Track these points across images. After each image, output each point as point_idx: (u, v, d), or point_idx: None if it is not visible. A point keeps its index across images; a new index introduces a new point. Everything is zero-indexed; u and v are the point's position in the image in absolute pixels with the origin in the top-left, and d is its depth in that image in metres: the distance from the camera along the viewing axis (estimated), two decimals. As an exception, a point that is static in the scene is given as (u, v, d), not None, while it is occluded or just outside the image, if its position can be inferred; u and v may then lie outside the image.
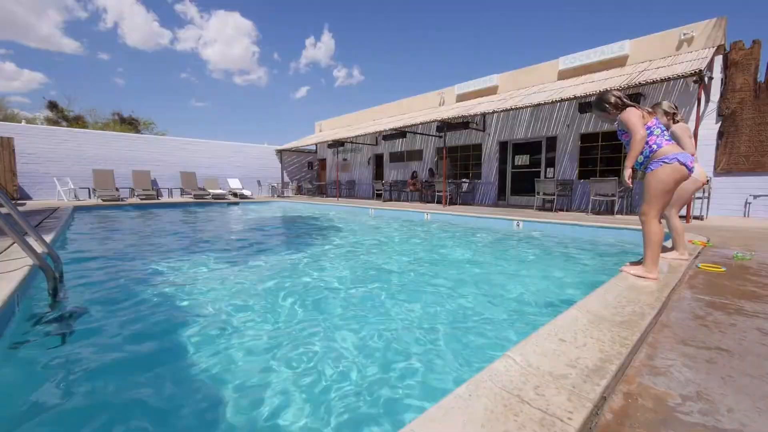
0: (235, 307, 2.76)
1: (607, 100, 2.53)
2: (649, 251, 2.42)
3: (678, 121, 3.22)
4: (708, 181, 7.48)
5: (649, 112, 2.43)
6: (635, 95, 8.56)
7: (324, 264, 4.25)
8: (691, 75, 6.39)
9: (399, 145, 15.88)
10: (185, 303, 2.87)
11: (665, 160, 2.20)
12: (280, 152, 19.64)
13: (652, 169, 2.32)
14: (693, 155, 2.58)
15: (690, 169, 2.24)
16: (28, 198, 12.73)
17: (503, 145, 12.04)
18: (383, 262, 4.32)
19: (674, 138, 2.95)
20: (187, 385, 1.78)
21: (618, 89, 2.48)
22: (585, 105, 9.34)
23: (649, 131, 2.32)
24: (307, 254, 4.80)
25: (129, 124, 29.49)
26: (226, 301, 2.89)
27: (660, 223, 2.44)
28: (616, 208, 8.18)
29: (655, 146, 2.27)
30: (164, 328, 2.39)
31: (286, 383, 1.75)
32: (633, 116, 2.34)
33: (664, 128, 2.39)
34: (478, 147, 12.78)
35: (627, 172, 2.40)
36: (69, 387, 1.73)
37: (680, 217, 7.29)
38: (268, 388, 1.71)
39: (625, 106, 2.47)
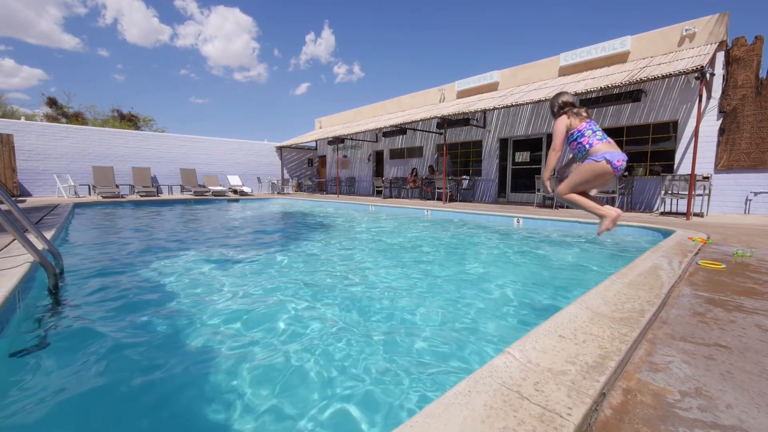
0: (235, 301, 2.76)
1: (551, 105, 2.65)
2: (588, 208, 2.49)
3: None
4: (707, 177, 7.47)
5: (581, 117, 2.51)
6: (636, 91, 8.53)
7: (322, 260, 4.25)
8: (693, 71, 6.36)
9: (399, 141, 15.85)
10: (186, 298, 2.87)
11: (594, 158, 2.34)
12: (280, 149, 19.61)
13: (584, 162, 2.48)
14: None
15: (616, 168, 2.34)
16: (28, 195, 12.73)
17: (504, 142, 12.01)
18: (381, 255, 4.33)
19: None
20: (189, 380, 1.78)
21: (571, 92, 2.58)
22: (586, 101, 9.31)
23: (580, 133, 2.46)
24: (305, 251, 4.81)
25: (129, 120, 29.43)
26: (225, 296, 2.90)
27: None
28: (616, 205, 8.18)
29: (587, 146, 2.40)
30: (165, 324, 2.39)
31: (296, 372, 1.76)
32: (559, 126, 2.51)
33: (596, 129, 2.49)
34: (478, 144, 12.75)
35: (547, 183, 2.63)
36: (69, 383, 1.74)
37: (680, 213, 7.34)
38: (271, 379, 1.72)
39: (558, 114, 2.59)
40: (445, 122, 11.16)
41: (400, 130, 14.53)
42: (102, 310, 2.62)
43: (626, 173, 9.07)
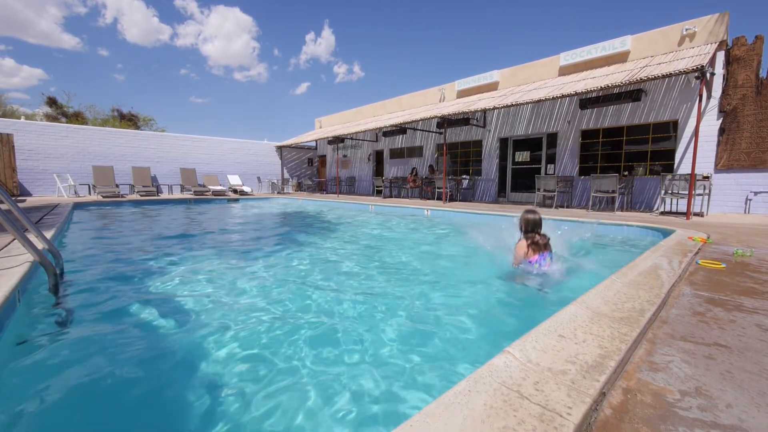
0: (234, 300, 2.76)
1: (519, 218, 3.15)
2: None
3: None
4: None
5: (537, 249, 2.95)
6: (636, 91, 8.53)
7: (320, 258, 4.25)
8: (693, 71, 6.35)
9: (399, 141, 15.84)
10: (187, 297, 2.87)
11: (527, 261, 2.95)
12: (280, 149, 19.60)
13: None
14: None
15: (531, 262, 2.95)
16: (28, 194, 12.73)
17: (504, 142, 12.01)
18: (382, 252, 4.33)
19: None
20: (189, 380, 1.78)
21: (539, 216, 3.18)
22: (586, 101, 9.31)
23: (528, 263, 2.98)
24: (305, 250, 4.80)
25: (129, 120, 29.42)
26: (225, 295, 2.90)
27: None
28: (616, 205, 8.18)
29: (528, 263, 2.98)
30: (166, 324, 2.39)
31: (296, 370, 1.76)
32: (519, 252, 2.96)
33: (543, 263, 2.95)
34: (478, 143, 12.75)
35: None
36: (69, 382, 1.74)
37: (680, 213, 7.34)
38: (275, 381, 1.72)
39: (522, 232, 3.10)
40: (445, 122, 11.16)
41: (400, 129, 14.52)
42: (102, 310, 2.62)
43: (626, 173, 9.08)
